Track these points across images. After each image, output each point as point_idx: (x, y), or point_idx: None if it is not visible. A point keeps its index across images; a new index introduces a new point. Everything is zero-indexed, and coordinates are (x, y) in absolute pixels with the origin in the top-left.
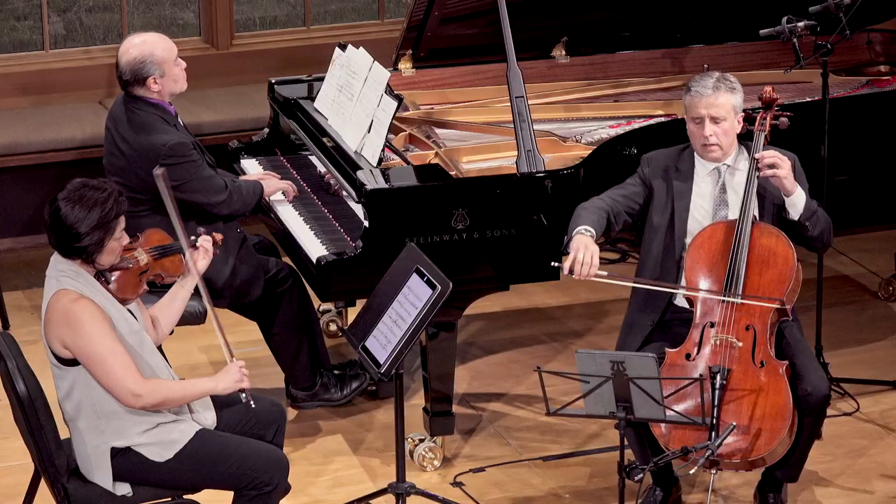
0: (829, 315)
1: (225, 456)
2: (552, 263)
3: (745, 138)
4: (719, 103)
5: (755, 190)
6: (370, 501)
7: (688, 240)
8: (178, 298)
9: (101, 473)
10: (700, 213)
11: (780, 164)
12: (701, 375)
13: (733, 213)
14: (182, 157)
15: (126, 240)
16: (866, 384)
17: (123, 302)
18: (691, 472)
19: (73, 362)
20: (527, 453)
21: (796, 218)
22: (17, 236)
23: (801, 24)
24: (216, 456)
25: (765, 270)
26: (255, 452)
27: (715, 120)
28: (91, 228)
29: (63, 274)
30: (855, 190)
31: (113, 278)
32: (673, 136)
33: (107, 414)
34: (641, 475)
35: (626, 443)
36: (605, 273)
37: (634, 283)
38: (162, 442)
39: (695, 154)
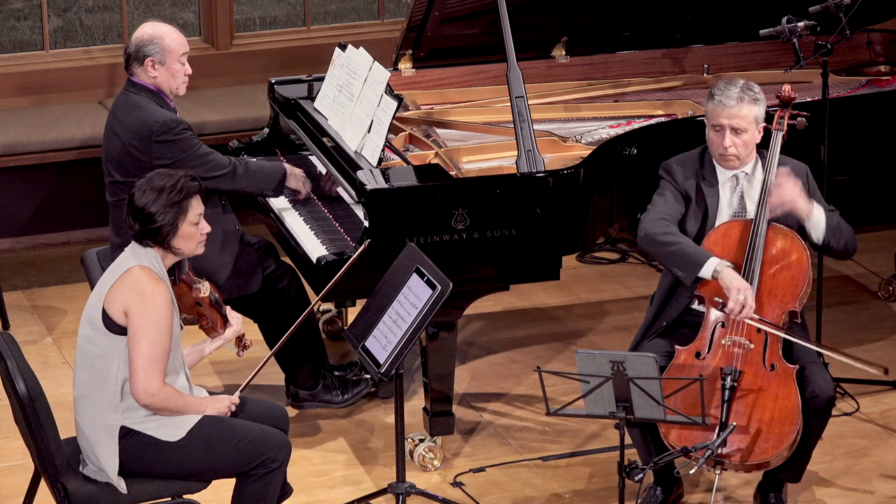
0: (829, 315)
1: (234, 433)
2: (715, 299)
3: (762, 143)
4: (742, 115)
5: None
6: (370, 501)
7: None
8: (199, 353)
9: (106, 454)
10: (721, 221)
11: (786, 192)
12: (701, 376)
13: None
14: (176, 134)
15: (207, 228)
16: (866, 384)
17: None
18: (691, 471)
19: (123, 331)
20: (527, 453)
21: (819, 241)
22: (17, 236)
23: (801, 24)
24: (226, 433)
25: (778, 273)
26: (261, 431)
27: (736, 131)
28: (163, 207)
29: (145, 256)
30: (855, 190)
31: (179, 282)
32: (673, 136)
33: (128, 394)
34: (641, 475)
35: (625, 443)
36: (757, 317)
37: (790, 336)
38: (171, 424)
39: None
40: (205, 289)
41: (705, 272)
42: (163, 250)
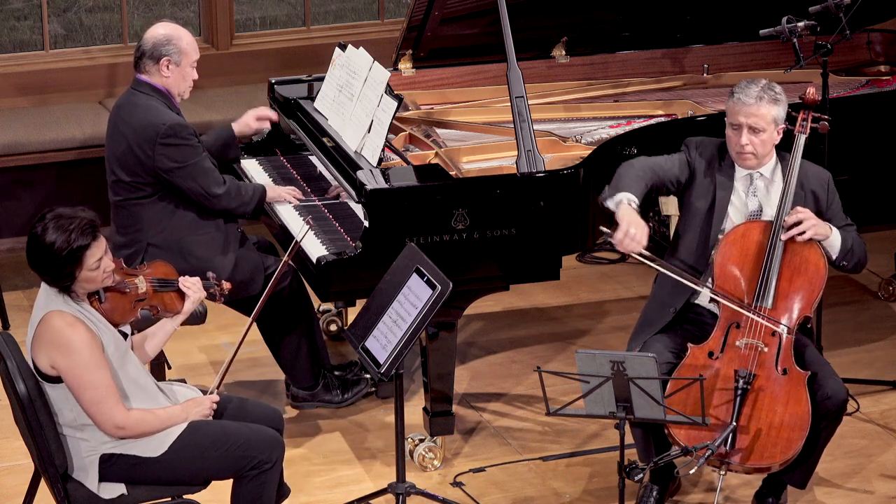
0: (829, 315)
1: (221, 440)
2: (600, 228)
3: (783, 147)
4: (760, 114)
5: (791, 199)
6: (370, 501)
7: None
8: (161, 332)
9: (89, 479)
10: (733, 214)
11: (804, 223)
12: (701, 376)
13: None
14: (181, 139)
15: (111, 266)
16: (866, 384)
17: (114, 325)
18: (691, 471)
19: (56, 380)
20: (527, 453)
21: (834, 258)
22: (17, 236)
23: (801, 24)
24: (212, 441)
25: (795, 277)
26: (250, 433)
27: (753, 130)
28: (56, 263)
29: (57, 297)
30: (855, 190)
31: (106, 298)
32: (673, 136)
33: (89, 426)
34: (641, 475)
35: (626, 443)
36: (647, 254)
37: (668, 270)
38: (153, 438)
39: None
40: (141, 283)
41: (611, 203)
42: (66, 294)
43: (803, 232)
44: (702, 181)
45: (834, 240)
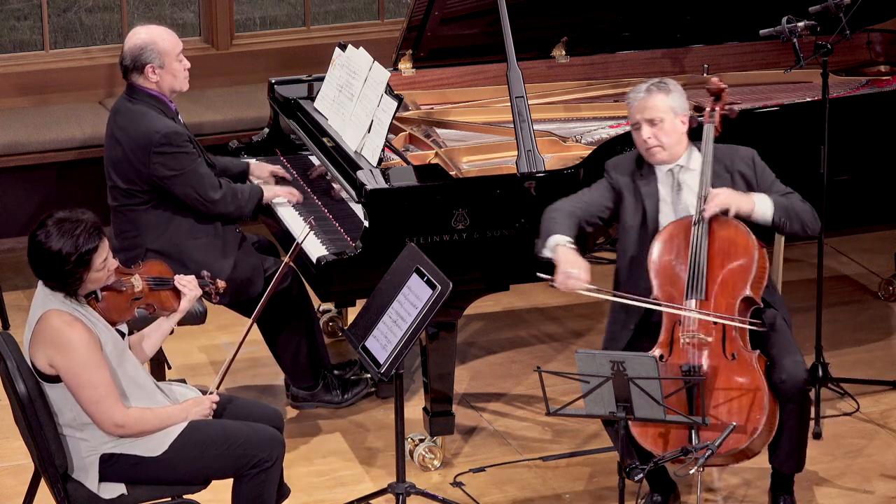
0: (829, 315)
1: (221, 439)
2: (538, 275)
3: (697, 137)
4: (652, 105)
5: (708, 190)
6: (370, 501)
7: None
8: (158, 331)
9: (89, 479)
10: (665, 217)
11: (713, 199)
12: (701, 376)
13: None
14: (176, 147)
15: (114, 264)
16: (866, 384)
17: (111, 324)
18: (691, 471)
19: (56, 379)
20: (527, 453)
21: (769, 224)
22: (17, 236)
23: (801, 24)
24: (212, 440)
25: (727, 263)
26: (251, 431)
27: (651, 122)
28: (64, 271)
29: (55, 296)
30: (855, 190)
31: (103, 297)
32: None
33: (89, 426)
34: (641, 475)
35: (625, 443)
36: (593, 287)
37: (617, 296)
38: (152, 437)
39: None
40: (136, 282)
41: (547, 251)
42: (66, 294)
43: (716, 204)
44: (629, 198)
45: (760, 207)
